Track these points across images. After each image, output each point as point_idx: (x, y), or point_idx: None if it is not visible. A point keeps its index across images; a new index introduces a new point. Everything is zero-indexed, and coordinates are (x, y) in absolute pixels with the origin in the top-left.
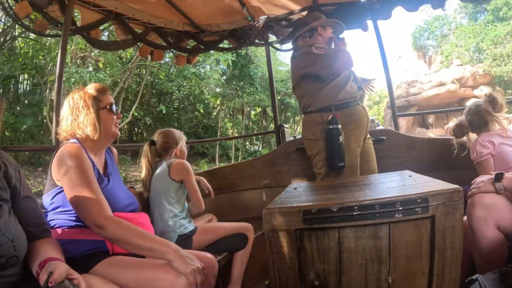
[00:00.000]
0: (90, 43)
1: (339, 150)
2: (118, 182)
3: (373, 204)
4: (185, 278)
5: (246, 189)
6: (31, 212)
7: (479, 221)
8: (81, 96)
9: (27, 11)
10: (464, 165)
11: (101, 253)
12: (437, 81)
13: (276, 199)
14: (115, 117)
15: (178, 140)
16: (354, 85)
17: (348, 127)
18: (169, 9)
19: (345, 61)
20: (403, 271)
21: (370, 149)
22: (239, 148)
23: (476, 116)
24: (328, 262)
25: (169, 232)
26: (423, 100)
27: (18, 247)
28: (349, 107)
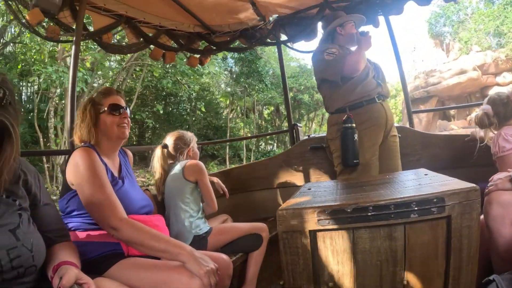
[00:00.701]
0: (102, 47)
1: (353, 148)
2: (133, 184)
3: (388, 204)
4: (199, 279)
5: (261, 189)
6: (50, 219)
7: (496, 219)
8: (85, 103)
9: (39, 18)
10: (481, 162)
11: (117, 255)
12: (458, 69)
13: (290, 200)
14: (117, 118)
15: (189, 141)
16: (372, 83)
17: (362, 125)
18: (180, 11)
19: (352, 64)
20: (419, 272)
21: (393, 147)
22: (251, 149)
23: (503, 107)
24: (342, 263)
25: (185, 232)
26: (444, 90)
27: (37, 256)
28: (363, 106)
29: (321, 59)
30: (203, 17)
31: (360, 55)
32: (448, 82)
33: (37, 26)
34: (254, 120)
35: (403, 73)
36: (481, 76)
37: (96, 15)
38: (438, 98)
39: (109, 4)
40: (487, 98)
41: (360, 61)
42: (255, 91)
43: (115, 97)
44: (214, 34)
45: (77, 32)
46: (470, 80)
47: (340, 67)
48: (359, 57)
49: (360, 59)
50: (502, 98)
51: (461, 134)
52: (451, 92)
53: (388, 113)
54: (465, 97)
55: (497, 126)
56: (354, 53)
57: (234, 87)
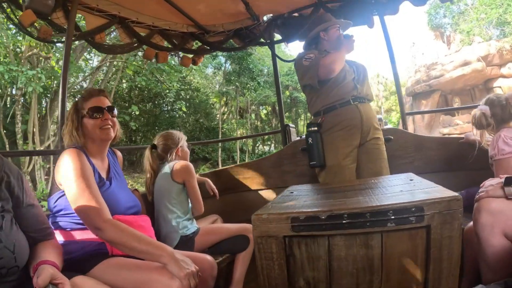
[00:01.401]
0: (95, 47)
1: (310, 150)
2: (121, 185)
3: (363, 212)
4: (179, 281)
5: (252, 189)
6: (34, 220)
7: (485, 228)
8: (70, 108)
9: (31, 19)
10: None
11: (101, 254)
12: (461, 61)
13: (268, 204)
14: (98, 121)
15: (177, 140)
16: (348, 86)
17: (334, 128)
18: (173, 11)
19: (327, 65)
20: (396, 281)
21: (373, 149)
22: (245, 150)
23: (500, 109)
24: (318, 269)
25: (172, 233)
26: (447, 83)
27: (19, 258)
28: (336, 108)
29: (300, 64)
30: (197, 17)
31: (336, 56)
32: (451, 74)
33: (30, 27)
34: (249, 121)
35: (397, 74)
36: (485, 67)
37: (89, 16)
38: (440, 92)
39: (102, 5)
40: (484, 99)
41: (336, 62)
42: (247, 89)
43: (96, 99)
44: (207, 34)
45: (68, 32)
46: (475, 72)
47: (315, 70)
48: (335, 57)
49: (335, 59)
50: (500, 99)
51: (455, 137)
52: (454, 85)
53: (364, 116)
54: (468, 91)
55: (494, 128)
56: (329, 54)
57: (226, 86)
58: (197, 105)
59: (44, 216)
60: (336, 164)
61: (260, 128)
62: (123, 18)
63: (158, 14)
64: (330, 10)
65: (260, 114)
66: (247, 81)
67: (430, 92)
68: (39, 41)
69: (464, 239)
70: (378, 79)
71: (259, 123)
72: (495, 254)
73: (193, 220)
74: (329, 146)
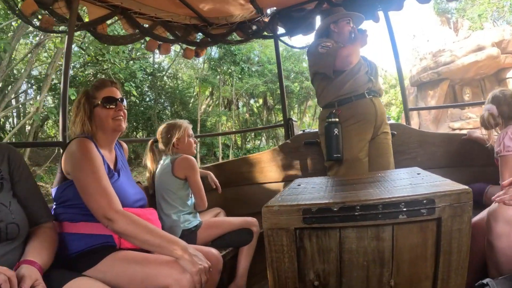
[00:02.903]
0: (97, 38)
1: (334, 142)
2: (128, 178)
3: (375, 204)
4: (190, 275)
5: (254, 183)
6: (29, 195)
7: (501, 238)
8: (79, 96)
9: (32, 8)
10: (478, 162)
11: (108, 247)
12: (474, 46)
13: (277, 196)
14: (112, 111)
15: (175, 132)
16: (363, 78)
17: (349, 120)
18: (176, 2)
19: (345, 56)
20: (406, 274)
21: (383, 144)
22: (229, 145)
23: (508, 107)
24: (328, 262)
25: (174, 227)
26: (458, 71)
27: (16, 216)
28: (352, 101)
29: (315, 52)
30: (200, 9)
31: (354, 49)
32: (463, 61)
33: (31, 16)
34: (233, 112)
35: (401, 70)
36: (500, 54)
37: (91, 6)
38: (449, 82)
39: None
40: (490, 96)
41: (353, 55)
42: (228, 75)
43: (109, 89)
44: (210, 26)
45: (70, 22)
46: (489, 59)
47: (333, 60)
48: (352, 50)
49: (352, 52)
50: (506, 97)
51: (458, 133)
52: (465, 74)
53: (378, 110)
54: (478, 81)
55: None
56: (347, 46)
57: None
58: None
59: (41, 195)
60: (352, 157)
61: (251, 122)
62: (126, 8)
63: (161, 5)
64: (334, 4)
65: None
66: (228, 66)
67: (438, 81)
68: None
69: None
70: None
71: (248, 116)
72: (510, 265)
73: (196, 213)
74: (345, 139)
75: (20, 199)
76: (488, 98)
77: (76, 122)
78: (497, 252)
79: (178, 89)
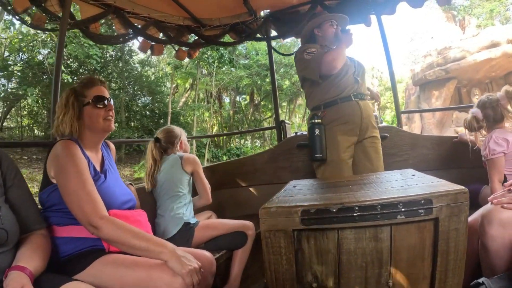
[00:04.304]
0: (89, 37)
1: (316, 142)
2: (115, 179)
3: (374, 204)
4: (181, 278)
5: (247, 185)
6: (22, 202)
7: (495, 240)
8: (66, 94)
9: (25, 5)
10: (469, 164)
11: (97, 251)
12: (488, 42)
13: (274, 198)
14: (102, 111)
15: (179, 134)
16: (349, 80)
17: (334, 122)
18: (170, 3)
19: (329, 62)
20: (404, 274)
21: (372, 147)
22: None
23: (492, 111)
24: (326, 264)
25: (176, 218)
26: (469, 69)
27: (6, 222)
28: (337, 103)
29: (301, 58)
30: (193, 10)
31: (338, 53)
32: (475, 58)
33: (23, 13)
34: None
35: (393, 73)
36: None
37: (84, 4)
38: (457, 81)
39: None
40: (477, 101)
41: (337, 59)
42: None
43: (99, 88)
44: (203, 28)
45: (62, 20)
46: (504, 57)
47: (318, 66)
48: (337, 54)
49: (337, 56)
50: (491, 101)
51: (449, 136)
52: (475, 74)
53: (364, 112)
54: (485, 84)
55: (487, 129)
56: (332, 51)
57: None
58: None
59: (33, 202)
60: (336, 158)
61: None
62: (119, 8)
63: (154, 6)
64: (328, 8)
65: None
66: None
67: (445, 80)
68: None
69: None
70: (373, 73)
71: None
72: (503, 266)
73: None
74: (329, 140)
75: (12, 205)
76: (475, 103)
77: (64, 121)
78: (491, 253)
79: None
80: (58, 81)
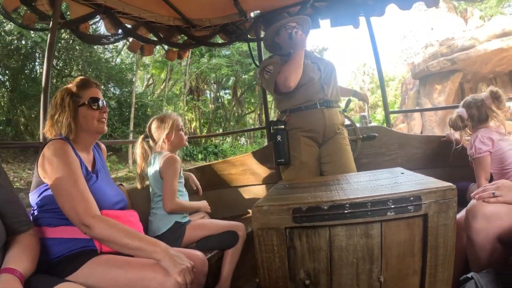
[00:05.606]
0: (79, 37)
1: (278, 148)
2: (107, 179)
3: (364, 202)
4: (174, 277)
5: (237, 186)
6: (8, 202)
7: (480, 233)
8: (61, 93)
9: (15, 4)
10: (456, 163)
11: (89, 252)
12: (499, 30)
13: (265, 197)
14: (97, 113)
15: (165, 126)
16: (315, 87)
17: (297, 128)
18: (160, 3)
19: (282, 83)
20: (395, 270)
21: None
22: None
23: (477, 111)
24: (318, 261)
25: (168, 216)
26: (478, 59)
27: None
28: (302, 110)
29: (262, 76)
30: (184, 10)
31: (290, 71)
32: (485, 47)
33: (13, 12)
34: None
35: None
36: None
37: (74, 4)
38: (463, 74)
39: None
40: (462, 101)
41: (290, 77)
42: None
43: (94, 90)
44: (194, 28)
45: (53, 20)
46: None
47: (273, 86)
48: (288, 72)
49: (289, 74)
50: (476, 101)
51: (437, 135)
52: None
53: (327, 121)
54: (490, 80)
55: (472, 129)
56: (283, 69)
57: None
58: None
59: (20, 202)
60: (298, 162)
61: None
62: (109, 8)
63: (145, 6)
64: (317, 9)
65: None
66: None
67: (449, 73)
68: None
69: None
70: (364, 69)
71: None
72: (489, 258)
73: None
74: (292, 145)
75: None
76: (461, 103)
77: (59, 121)
78: (477, 246)
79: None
80: (48, 81)
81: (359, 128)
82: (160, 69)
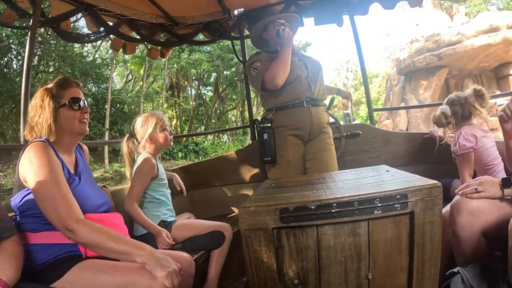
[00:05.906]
0: (60, 35)
1: (264, 146)
2: (90, 181)
3: (351, 201)
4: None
5: (222, 185)
6: None
7: (464, 228)
8: (41, 94)
9: None
10: (439, 159)
11: (74, 257)
12: (487, 26)
13: (251, 197)
14: (78, 113)
15: (148, 126)
16: (302, 85)
17: (284, 126)
18: (143, 1)
19: (270, 81)
20: (383, 267)
21: (321, 142)
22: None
23: (461, 108)
24: (307, 260)
25: (153, 216)
26: (464, 55)
27: None
28: (289, 108)
29: (248, 72)
30: (167, 8)
31: (278, 68)
32: (472, 42)
33: None
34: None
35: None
36: None
37: (55, 1)
38: (449, 70)
39: None
40: (446, 98)
41: (277, 75)
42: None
43: (75, 90)
44: (177, 26)
45: (34, 18)
46: (505, 43)
47: (260, 83)
48: (276, 70)
49: (277, 72)
50: (460, 99)
51: (420, 132)
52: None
53: (314, 119)
54: (475, 77)
55: (455, 126)
56: (271, 66)
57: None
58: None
59: (1, 207)
60: (285, 161)
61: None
62: (91, 5)
63: (127, 3)
64: (301, 7)
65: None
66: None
67: (435, 69)
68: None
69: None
70: (347, 66)
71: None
72: (474, 253)
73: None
74: (279, 143)
75: None
76: (444, 100)
77: (39, 123)
78: (462, 241)
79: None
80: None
81: (343, 126)
82: (139, 65)
